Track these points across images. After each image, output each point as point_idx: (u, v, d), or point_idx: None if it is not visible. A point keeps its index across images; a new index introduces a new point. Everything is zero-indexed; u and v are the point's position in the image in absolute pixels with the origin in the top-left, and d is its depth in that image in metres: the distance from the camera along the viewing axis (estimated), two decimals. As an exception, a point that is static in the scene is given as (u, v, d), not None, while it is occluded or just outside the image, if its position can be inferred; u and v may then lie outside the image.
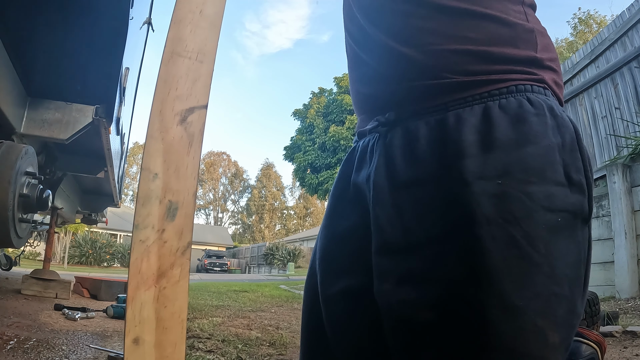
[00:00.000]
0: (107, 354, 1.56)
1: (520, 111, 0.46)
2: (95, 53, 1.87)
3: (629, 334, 2.23)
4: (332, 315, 0.55)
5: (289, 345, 2.52)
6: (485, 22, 0.49)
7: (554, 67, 0.52)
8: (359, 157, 0.58)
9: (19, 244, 1.88)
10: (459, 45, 0.48)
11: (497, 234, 0.42)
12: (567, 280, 0.43)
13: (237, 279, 14.38)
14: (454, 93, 0.48)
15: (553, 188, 0.44)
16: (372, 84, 0.57)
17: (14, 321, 1.97)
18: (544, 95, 0.48)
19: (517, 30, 0.50)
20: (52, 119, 1.87)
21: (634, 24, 4.21)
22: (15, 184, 1.62)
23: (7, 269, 5.20)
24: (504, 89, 0.47)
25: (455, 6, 0.50)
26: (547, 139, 0.45)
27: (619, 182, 3.58)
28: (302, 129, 13.13)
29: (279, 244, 29.45)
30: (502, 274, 0.41)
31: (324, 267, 0.58)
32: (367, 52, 0.57)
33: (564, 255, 0.43)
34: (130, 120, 3.59)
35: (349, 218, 0.57)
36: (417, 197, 0.47)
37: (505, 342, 0.41)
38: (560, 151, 0.45)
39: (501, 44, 0.49)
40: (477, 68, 0.48)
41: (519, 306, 0.41)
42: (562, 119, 0.47)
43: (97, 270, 16.37)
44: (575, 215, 0.45)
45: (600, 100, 4.58)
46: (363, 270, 0.51)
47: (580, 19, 23.17)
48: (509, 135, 0.44)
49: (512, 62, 0.48)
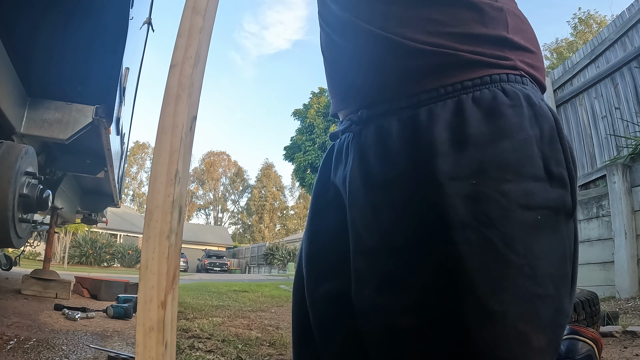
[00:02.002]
0: (107, 354, 1.56)
1: (494, 104, 0.43)
2: (95, 53, 1.87)
3: (629, 334, 2.23)
4: (318, 318, 0.54)
5: (289, 345, 2.52)
6: (450, 3, 0.47)
7: (529, 48, 0.49)
8: (336, 157, 0.56)
9: (19, 244, 1.88)
10: (424, 28, 0.46)
11: (472, 238, 0.40)
12: (551, 280, 0.41)
13: (237, 279, 14.38)
14: (424, 81, 0.46)
15: (531, 184, 0.41)
16: (344, 70, 0.56)
17: (14, 321, 1.97)
18: (521, 83, 0.46)
19: (483, 9, 0.47)
20: (52, 119, 1.87)
21: (634, 24, 4.21)
22: (15, 184, 1.62)
23: (7, 269, 5.20)
24: (477, 80, 0.45)
25: None
26: (523, 131, 0.42)
27: (619, 182, 3.58)
28: (302, 129, 13.14)
29: (279, 244, 29.44)
30: (480, 279, 0.39)
31: (309, 269, 0.57)
32: (339, 35, 0.55)
33: (546, 254, 0.41)
34: (130, 120, 3.59)
35: (329, 220, 0.55)
36: (392, 198, 0.45)
37: (485, 349, 0.39)
38: (539, 143, 0.43)
39: (468, 25, 0.46)
40: (446, 51, 0.45)
41: (498, 311, 0.39)
42: (540, 108, 0.44)
43: (97, 270, 16.36)
44: (557, 210, 0.43)
45: (600, 100, 4.58)
46: (345, 274, 0.49)
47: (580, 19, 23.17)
48: (482, 131, 0.42)
49: (480, 42, 0.46)
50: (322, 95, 13.28)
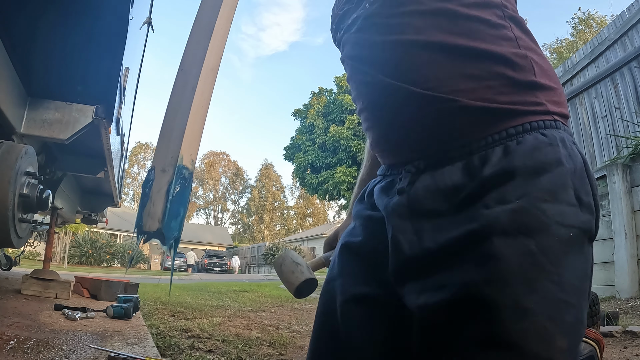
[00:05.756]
0: (107, 354, 1.56)
1: (536, 143, 0.51)
2: (95, 53, 1.86)
3: (629, 334, 2.23)
4: (349, 318, 0.60)
5: (289, 345, 2.52)
6: (483, 59, 0.54)
7: (553, 87, 0.56)
8: (383, 188, 0.64)
9: (19, 244, 1.88)
10: (466, 85, 0.53)
11: (514, 244, 0.47)
12: (575, 290, 0.47)
13: (237, 279, 14.37)
14: (474, 132, 0.53)
15: (566, 207, 0.49)
16: (396, 128, 0.61)
17: (14, 321, 1.97)
18: (555, 127, 0.54)
19: (512, 60, 0.55)
20: (52, 119, 1.87)
21: (634, 24, 4.21)
22: (15, 184, 1.62)
23: (7, 269, 5.20)
24: (519, 127, 0.52)
25: (455, 44, 0.55)
26: (560, 166, 0.50)
27: (619, 182, 3.57)
28: (302, 128, 13.12)
29: (279, 244, 29.44)
30: (516, 278, 0.45)
31: (345, 277, 0.64)
32: (385, 97, 0.61)
33: (572, 267, 0.48)
34: (130, 120, 3.58)
35: (366, 238, 0.64)
36: (438, 224, 0.52)
37: (515, 340, 0.44)
38: (572, 176, 0.51)
39: (502, 77, 0.54)
40: (489, 105, 0.53)
41: (530, 308, 0.45)
42: (572, 150, 0.53)
43: (97, 270, 16.36)
44: (584, 232, 0.50)
45: (600, 100, 4.58)
46: (378, 284, 0.59)
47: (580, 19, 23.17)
48: (527, 165, 0.50)
49: (515, 91, 0.53)
50: (322, 95, 13.26)
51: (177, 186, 0.61)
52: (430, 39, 0.56)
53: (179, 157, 0.62)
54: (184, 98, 0.65)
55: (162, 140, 0.65)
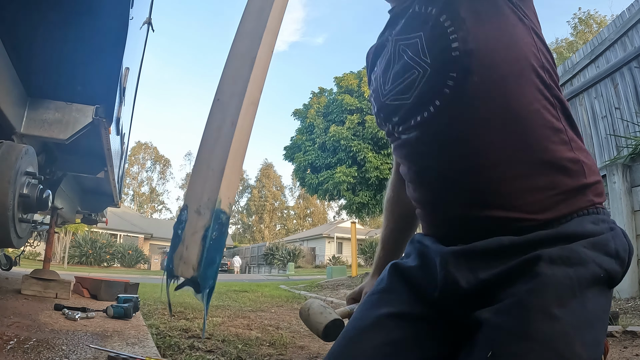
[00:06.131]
0: (107, 354, 1.56)
1: (583, 221, 0.64)
2: (95, 53, 1.86)
3: (629, 334, 2.22)
4: (384, 326, 0.70)
5: (289, 345, 2.52)
6: (549, 170, 0.65)
7: (598, 181, 0.69)
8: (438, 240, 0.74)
9: (19, 244, 1.88)
10: (533, 197, 0.64)
11: (556, 268, 0.59)
12: (595, 316, 0.58)
13: (237, 279, 14.37)
14: (532, 242, 0.63)
15: (604, 257, 0.62)
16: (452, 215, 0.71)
17: (14, 321, 1.97)
18: (598, 213, 0.66)
19: (569, 168, 0.66)
20: (52, 119, 1.87)
21: (634, 24, 4.21)
22: (15, 184, 1.62)
23: (7, 269, 5.19)
24: (574, 214, 0.65)
25: (530, 160, 0.65)
26: (604, 235, 0.64)
27: (619, 182, 3.57)
28: (302, 129, 13.11)
29: (279, 244, 29.45)
30: (551, 291, 0.57)
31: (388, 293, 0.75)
32: (444, 191, 0.71)
33: (596, 300, 0.59)
34: (130, 120, 3.59)
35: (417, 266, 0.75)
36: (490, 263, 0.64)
37: (542, 339, 0.54)
38: (614, 238, 0.64)
39: (562, 183, 0.65)
40: (554, 216, 0.64)
41: (558, 315, 0.55)
42: (613, 224, 0.67)
43: (97, 270, 16.37)
44: (611, 278, 0.62)
45: (600, 100, 4.58)
46: (422, 304, 0.71)
47: (580, 19, 23.17)
48: (576, 231, 0.63)
49: (572, 195, 0.65)
50: (322, 95, 13.25)
51: (215, 231, 0.56)
52: (504, 156, 0.65)
53: (217, 201, 0.57)
54: (223, 133, 0.60)
55: (197, 177, 0.60)
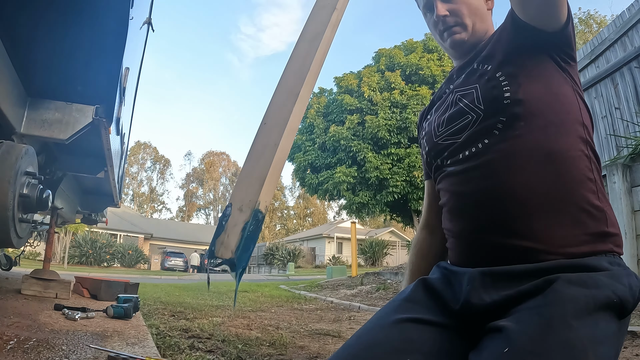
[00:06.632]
0: (107, 354, 1.56)
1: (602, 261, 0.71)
2: (95, 53, 1.86)
3: (629, 334, 2.22)
4: (403, 329, 0.74)
5: (289, 345, 2.52)
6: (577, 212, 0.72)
7: (617, 233, 0.76)
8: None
9: (19, 244, 1.88)
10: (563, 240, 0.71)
11: (574, 288, 0.65)
12: (606, 337, 0.62)
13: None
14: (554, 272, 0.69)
15: (619, 284, 0.68)
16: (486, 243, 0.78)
17: (14, 321, 1.97)
18: (614, 258, 0.73)
19: (593, 214, 0.73)
20: (52, 119, 1.87)
21: (634, 24, 4.21)
22: (15, 184, 1.62)
23: (7, 269, 5.19)
24: (594, 254, 0.71)
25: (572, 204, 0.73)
26: (619, 271, 0.70)
27: (619, 182, 3.57)
28: (302, 129, 13.11)
29: (279, 244, 29.43)
30: (570, 307, 0.62)
31: (411, 302, 0.81)
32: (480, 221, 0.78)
33: (607, 322, 0.64)
34: (130, 120, 3.58)
35: (441, 280, 0.82)
36: (517, 288, 0.69)
37: (558, 342, 0.59)
38: (627, 276, 0.70)
39: (587, 227, 0.72)
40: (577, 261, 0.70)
41: (575, 325, 0.61)
42: (629, 270, 0.72)
43: (97, 270, 16.37)
44: (623, 304, 0.67)
45: (600, 100, 4.58)
46: (442, 313, 0.76)
47: (580, 19, 23.16)
48: (595, 266, 0.69)
49: (593, 240, 0.72)
50: (322, 95, 13.25)
51: (252, 226, 0.71)
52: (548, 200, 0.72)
53: (257, 202, 0.72)
54: (267, 151, 0.77)
55: (242, 182, 0.76)
